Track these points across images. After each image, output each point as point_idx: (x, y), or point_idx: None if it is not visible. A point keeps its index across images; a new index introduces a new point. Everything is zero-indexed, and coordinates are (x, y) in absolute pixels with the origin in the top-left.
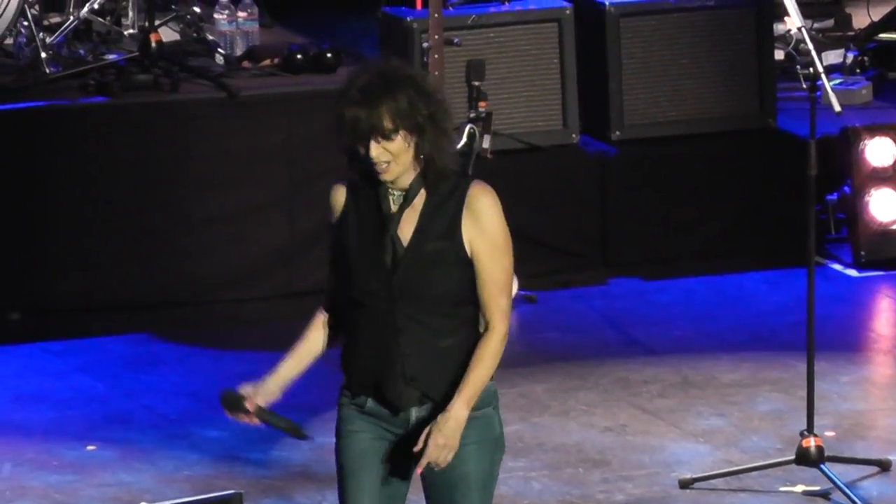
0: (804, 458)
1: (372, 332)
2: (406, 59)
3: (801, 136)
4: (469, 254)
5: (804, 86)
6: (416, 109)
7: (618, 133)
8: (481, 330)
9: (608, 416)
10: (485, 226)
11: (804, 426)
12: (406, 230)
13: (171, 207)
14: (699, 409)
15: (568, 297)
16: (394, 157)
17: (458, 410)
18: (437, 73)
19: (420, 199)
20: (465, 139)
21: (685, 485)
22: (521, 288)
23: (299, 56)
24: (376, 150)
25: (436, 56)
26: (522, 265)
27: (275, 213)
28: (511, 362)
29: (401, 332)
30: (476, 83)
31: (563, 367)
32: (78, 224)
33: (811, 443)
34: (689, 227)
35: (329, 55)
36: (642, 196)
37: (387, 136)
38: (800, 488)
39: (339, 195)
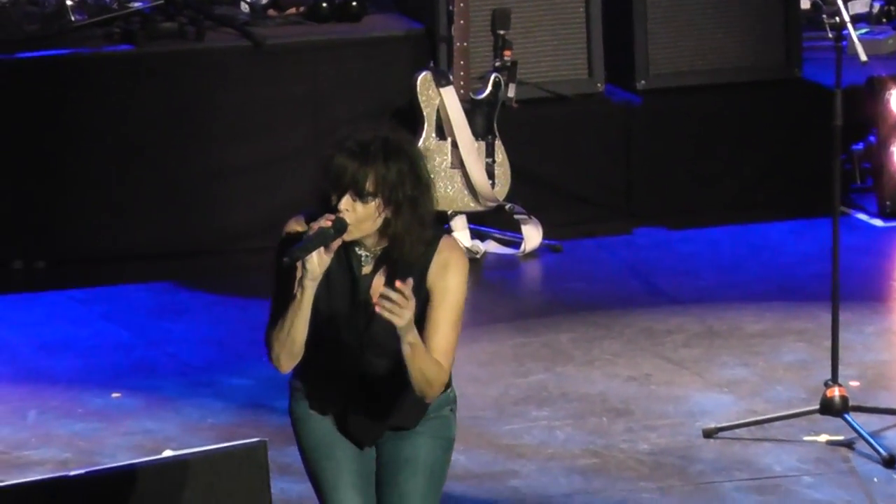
0: (828, 408)
1: (340, 378)
2: (431, 9)
3: (826, 85)
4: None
5: (830, 35)
6: (401, 185)
7: (643, 82)
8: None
9: (632, 366)
10: (449, 277)
11: (828, 376)
12: (376, 289)
13: (196, 156)
14: (723, 359)
15: (593, 247)
16: (357, 220)
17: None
18: (462, 21)
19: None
20: (489, 88)
21: (709, 434)
22: (545, 237)
23: (325, 4)
24: (346, 204)
25: (461, 5)
26: (547, 215)
27: (300, 162)
28: (535, 312)
29: (372, 381)
30: (501, 32)
31: (588, 316)
32: (103, 172)
33: (835, 393)
34: (714, 176)
35: (354, 4)
36: (667, 145)
37: (362, 198)
38: (824, 438)
39: (301, 228)
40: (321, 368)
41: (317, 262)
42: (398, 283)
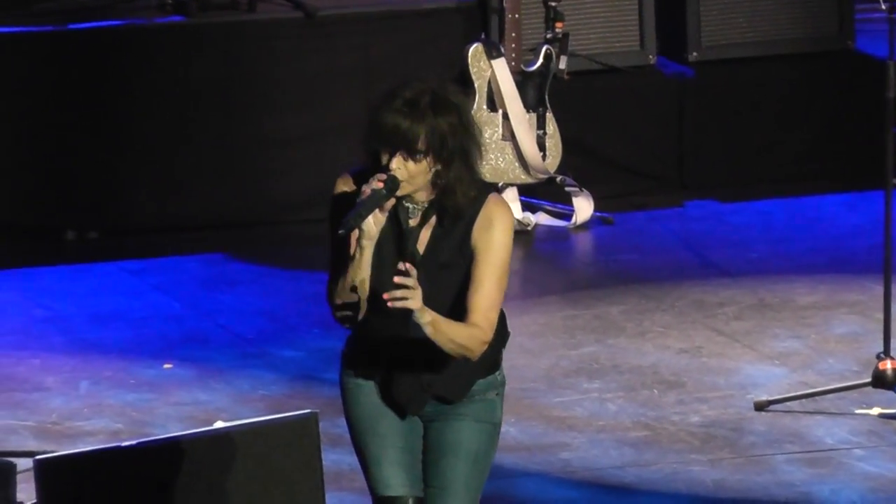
0: (880, 381)
1: (387, 338)
2: None
3: (879, 57)
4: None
5: (883, 7)
6: (452, 138)
7: (695, 54)
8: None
9: (684, 338)
10: (493, 233)
11: (881, 349)
12: (422, 245)
13: (248, 127)
14: (775, 332)
15: (644, 219)
16: (410, 177)
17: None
18: None
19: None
20: (541, 60)
21: (761, 407)
22: (596, 209)
23: None
24: (397, 163)
25: None
26: (599, 187)
27: (351, 133)
28: (586, 284)
29: (418, 342)
30: (553, 3)
31: (639, 288)
32: (155, 144)
33: (888, 365)
34: (766, 148)
35: None
36: (719, 118)
37: (413, 156)
38: (876, 411)
39: (349, 189)
40: (369, 328)
41: (373, 222)
42: (401, 265)
